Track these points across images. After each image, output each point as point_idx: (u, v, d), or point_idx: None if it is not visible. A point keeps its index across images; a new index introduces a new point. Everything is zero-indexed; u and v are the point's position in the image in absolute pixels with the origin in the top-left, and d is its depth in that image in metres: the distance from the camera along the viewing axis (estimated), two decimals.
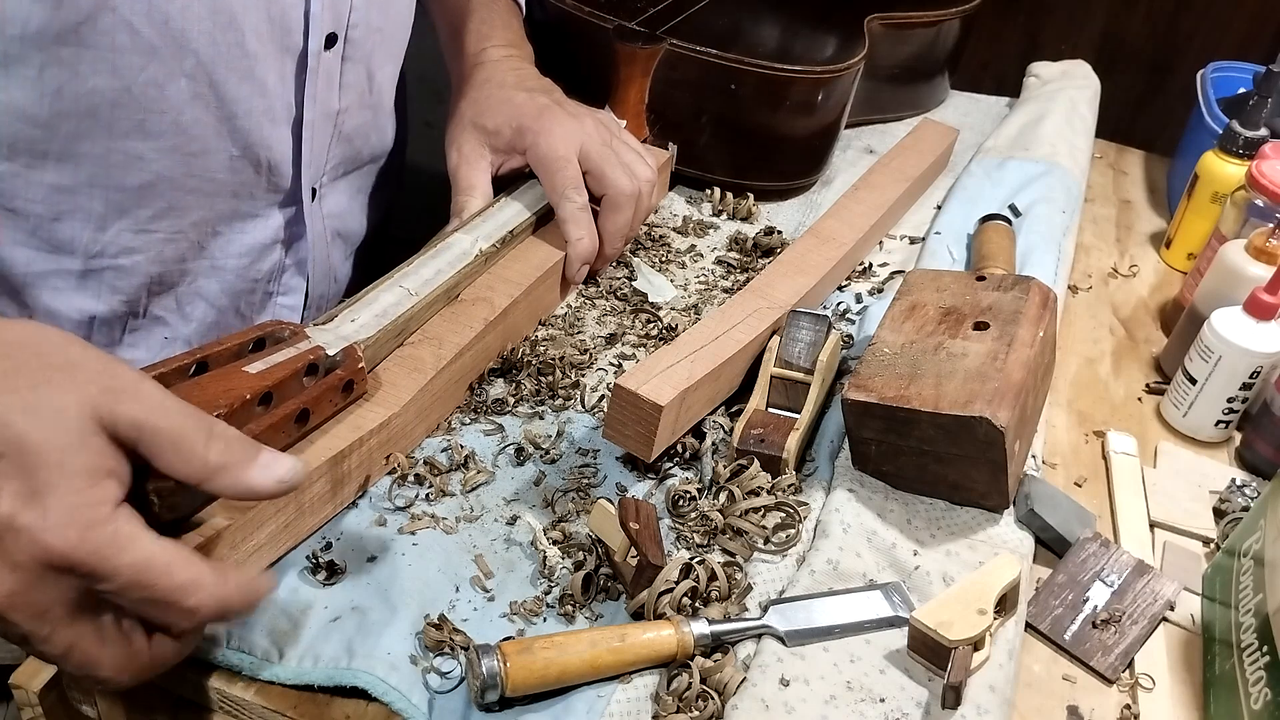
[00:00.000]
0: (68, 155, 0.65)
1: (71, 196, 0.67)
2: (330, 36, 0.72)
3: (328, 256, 0.85)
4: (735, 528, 0.64)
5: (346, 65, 0.76)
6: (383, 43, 0.79)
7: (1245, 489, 0.76)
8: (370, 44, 0.77)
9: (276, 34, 0.68)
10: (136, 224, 0.70)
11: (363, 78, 0.79)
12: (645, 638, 0.56)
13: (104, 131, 0.65)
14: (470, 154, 0.84)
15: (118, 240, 0.70)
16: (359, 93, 0.79)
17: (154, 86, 0.64)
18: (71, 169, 0.66)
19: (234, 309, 0.80)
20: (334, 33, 0.73)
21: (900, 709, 0.55)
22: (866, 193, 0.95)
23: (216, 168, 0.71)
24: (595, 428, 0.72)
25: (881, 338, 0.70)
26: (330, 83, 0.75)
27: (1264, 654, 0.56)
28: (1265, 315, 0.76)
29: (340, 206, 0.85)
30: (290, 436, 0.58)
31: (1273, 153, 0.90)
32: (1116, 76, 1.34)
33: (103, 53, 0.61)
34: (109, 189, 0.68)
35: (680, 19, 0.98)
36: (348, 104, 0.78)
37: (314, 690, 0.55)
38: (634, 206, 0.83)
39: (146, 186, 0.69)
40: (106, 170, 0.67)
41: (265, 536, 0.56)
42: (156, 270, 0.73)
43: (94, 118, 0.64)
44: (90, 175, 0.67)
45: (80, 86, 0.62)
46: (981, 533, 0.66)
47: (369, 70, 0.79)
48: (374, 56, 0.79)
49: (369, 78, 0.79)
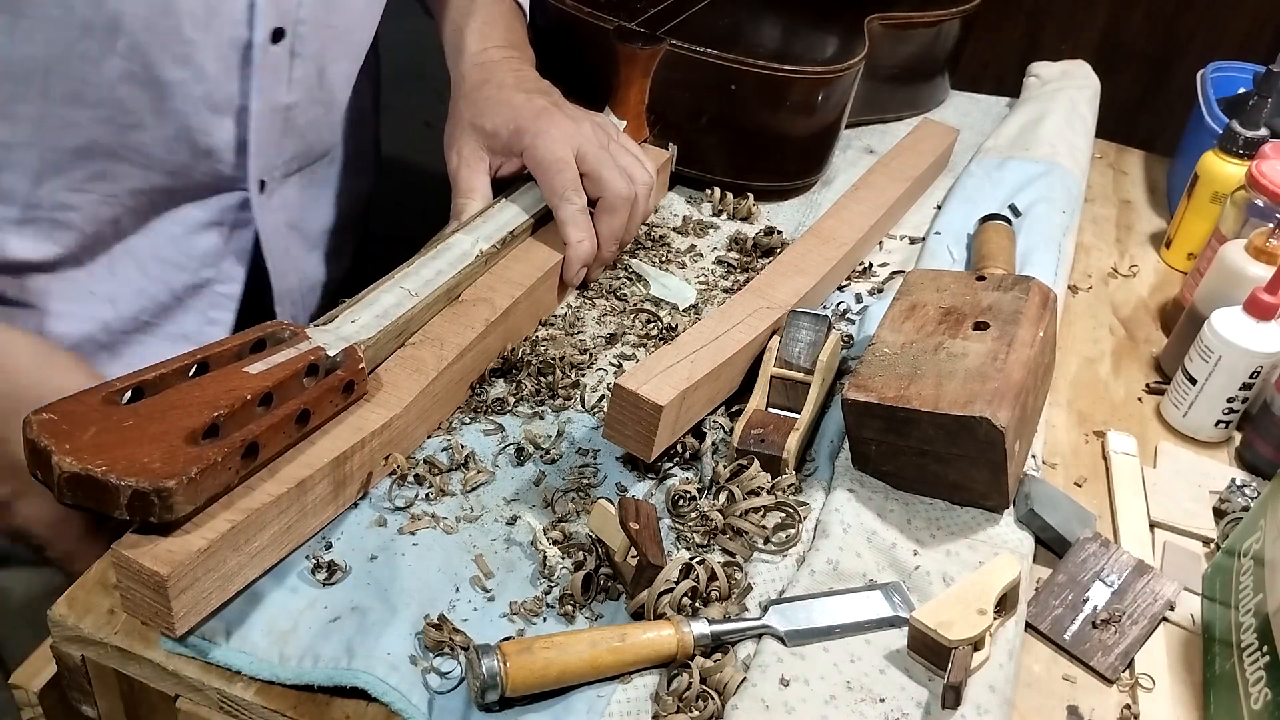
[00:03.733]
0: (4, 114, 0.68)
1: (8, 152, 0.70)
2: (277, 31, 0.73)
3: (286, 250, 0.86)
4: (735, 528, 0.64)
5: (296, 61, 0.76)
6: (335, 40, 0.80)
7: (1245, 489, 0.76)
8: (321, 41, 0.78)
9: (216, 23, 0.69)
10: (71, 183, 0.72)
11: (313, 73, 0.79)
12: (645, 638, 0.56)
13: (39, 95, 0.67)
14: (469, 156, 0.84)
15: (53, 196, 0.72)
16: (308, 88, 0.80)
17: (87, 61, 0.66)
18: (9, 127, 0.69)
19: (164, 281, 0.81)
20: (281, 27, 0.73)
21: (900, 709, 0.56)
22: (866, 193, 0.95)
23: (152, 144, 0.73)
24: (595, 428, 0.72)
25: (881, 338, 0.70)
26: (277, 76, 0.76)
27: (1264, 654, 0.56)
28: (1265, 315, 0.76)
29: (294, 199, 0.86)
30: (290, 437, 0.58)
31: (1273, 153, 0.90)
32: (1116, 76, 1.34)
33: (37, 22, 0.63)
34: (44, 149, 0.70)
35: (680, 20, 0.98)
36: (297, 99, 0.79)
37: (314, 690, 0.55)
38: (629, 209, 0.83)
39: (81, 150, 0.71)
40: (42, 132, 0.69)
41: (267, 538, 0.56)
42: (91, 229, 0.75)
43: (29, 82, 0.67)
44: (28, 135, 0.69)
45: (15, 53, 0.65)
46: (981, 533, 0.66)
47: (320, 66, 0.79)
48: (326, 53, 0.79)
49: (319, 73, 0.80)
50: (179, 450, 0.51)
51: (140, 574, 0.51)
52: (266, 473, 0.57)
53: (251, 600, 0.57)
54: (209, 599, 0.54)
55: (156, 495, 0.49)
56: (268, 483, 0.56)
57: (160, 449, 0.51)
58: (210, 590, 0.54)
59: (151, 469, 0.50)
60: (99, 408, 0.53)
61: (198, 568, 0.52)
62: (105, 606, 0.57)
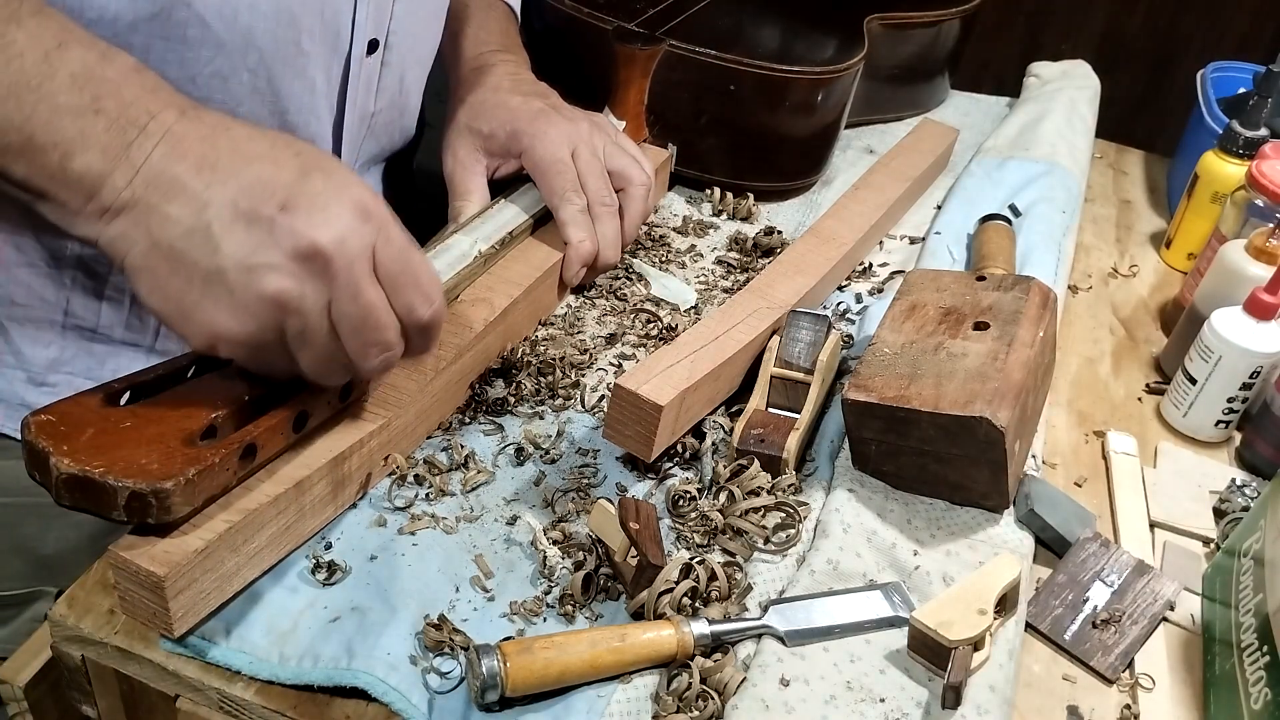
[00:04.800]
0: None
1: None
2: (372, 42, 0.75)
3: None
4: (735, 528, 0.64)
5: (384, 70, 0.78)
6: (415, 48, 0.82)
7: (1245, 489, 0.76)
8: (406, 49, 0.80)
9: (329, 35, 0.71)
10: None
11: (396, 81, 0.81)
12: (645, 638, 0.56)
13: None
14: (465, 159, 0.84)
15: None
16: (391, 95, 0.81)
17: (218, 78, 0.66)
18: None
19: None
20: (375, 39, 0.75)
21: (900, 709, 0.55)
22: (866, 193, 0.95)
23: None
24: (595, 428, 0.72)
25: (881, 338, 0.70)
26: (369, 86, 0.78)
27: (1264, 654, 0.56)
28: (1265, 315, 0.76)
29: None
30: (289, 438, 0.58)
31: (1273, 153, 0.90)
32: (1116, 76, 1.34)
33: (173, 44, 0.63)
34: None
35: (679, 20, 0.98)
36: (381, 106, 0.81)
37: (314, 690, 0.55)
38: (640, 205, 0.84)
39: None
40: None
41: (266, 539, 0.56)
42: None
43: None
44: None
45: None
46: (981, 533, 0.66)
47: (401, 74, 0.81)
48: (407, 61, 0.81)
49: (400, 81, 0.82)
50: (177, 451, 0.51)
51: (138, 575, 0.51)
52: (265, 473, 0.56)
53: (251, 600, 0.57)
54: (207, 600, 0.54)
55: (154, 496, 0.49)
56: (266, 483, 0.56)
57: (158, 450, 0.51)
58: (208, 591, 0.54)
59: (149, 470, 0.50)
60: (97, 409, 0.53)
61: (195, 568, 0.52)
62: (105, 606, 0.57)
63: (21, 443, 0.50)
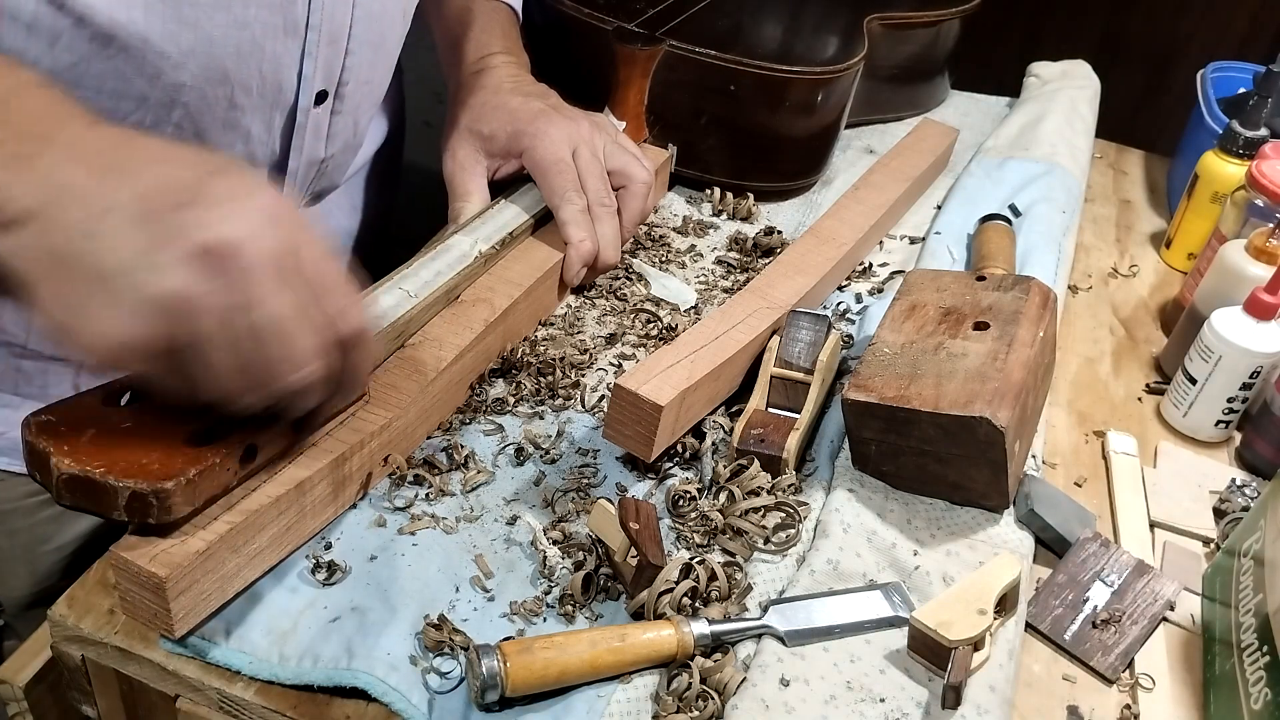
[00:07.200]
0: None
1: None
2: (320, 94, 0.73)
3: None
4: (735, 528, 0.64)
5: (335, 119, 0.77)
6: (370, 93, 0.80)
7: (1245, 489, 0.76)
8: (361, 97, 0.78)
9: (268, 90, 0.69)
10: None
11: (349, 126, 0.79)
12: (645, 638, 0.56)
13: None
14: (465, 160, 0.84)
15: None
16: (345, 139, 0.80)
17: (140, 128, 0.65)
18: None
19: None
20: (324, 90, 0.73)
21: (900, 709, 0.56)
22: (866, 193, 0.95)
23: None
24: (595, 428, 0.72)
25: (881, 338, 0.70)
26: (318, 135, 0.76)
27: (1264, 654, 0.56)
28: (1265, 315, 0.76)
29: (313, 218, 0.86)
30: (289, 439, 0.58)
31: (1273, 153, 0.90)
32: (1116, 76, 1.34)
33: (89, 94, 0.62)
34: None
35: (679, 20, 0.98)
36: (334, 151, 0.79)
37: (314, 690, 0.55)
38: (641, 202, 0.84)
39: None
40: None
41: (266, 540, 0.56)
42: None
43: None
44: None
45: None
46: (981, 533, 0.66)
47: (355, 119, 0.80)
48: (361, 107, 0.80)
49: (355, 125, 0.80)
50: (177, 451, 0.51)
51: (138, 576, 0.51)
52: (265, 474, 0.57)
53: (251, 600, 0.57)
54: (208, 600, 0.54)
55: (155, 497, 0.49)
56: (266, 484, 0.56)
57: (158, 450, 0.51)
58: (209, 591, 0.54)
59: (150, 470, 0.50)
60: (97, 409, 0.53)
61: (196, 569, 0.52)
62: (105, 606, 0.57)
63: (22, 443, 0.51)
